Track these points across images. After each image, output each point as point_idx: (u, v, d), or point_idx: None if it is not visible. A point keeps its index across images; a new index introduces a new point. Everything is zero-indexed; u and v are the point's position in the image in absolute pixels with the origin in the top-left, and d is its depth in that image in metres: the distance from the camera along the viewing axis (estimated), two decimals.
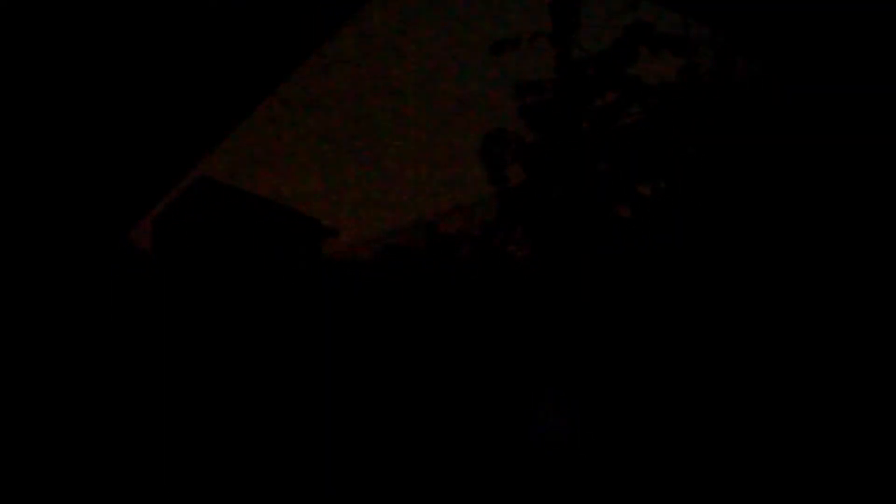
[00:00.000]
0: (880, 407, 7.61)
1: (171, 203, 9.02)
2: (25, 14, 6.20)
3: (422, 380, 8.71)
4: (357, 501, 8.30)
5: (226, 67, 7.32)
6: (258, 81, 7.50)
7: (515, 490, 8.18)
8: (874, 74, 7.91)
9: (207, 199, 9.10)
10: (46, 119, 7.00)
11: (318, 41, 7.26)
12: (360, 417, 8.63)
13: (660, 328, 8.33)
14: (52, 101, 6.87)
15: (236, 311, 8.75)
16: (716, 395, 8.04)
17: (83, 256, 7.50)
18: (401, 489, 8.38)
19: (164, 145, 7.62)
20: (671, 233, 8.48)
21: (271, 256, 9.10)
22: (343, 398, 8.68)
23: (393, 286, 8.94)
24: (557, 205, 8.87)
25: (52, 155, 7.16)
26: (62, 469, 7.59)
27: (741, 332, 8.12)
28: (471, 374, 8.67)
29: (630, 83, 8.90)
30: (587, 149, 8.90)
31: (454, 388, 8.65)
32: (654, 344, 8.31)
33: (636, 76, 8.90)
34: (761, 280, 8.12)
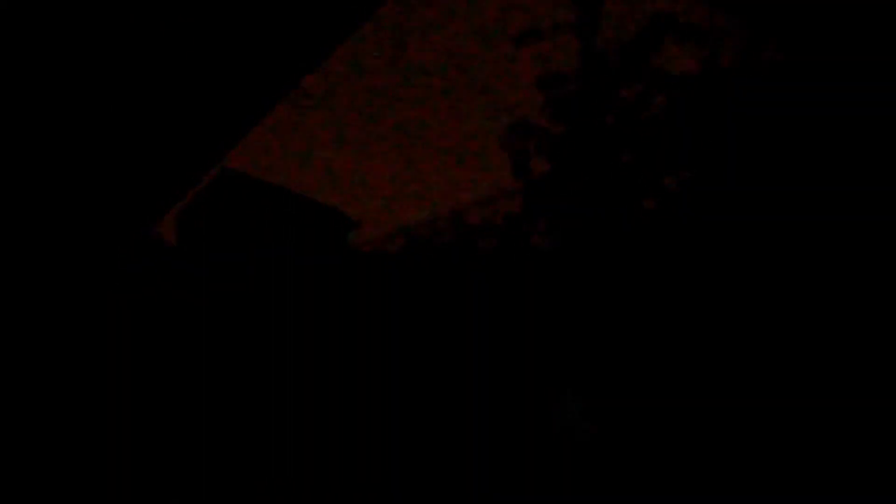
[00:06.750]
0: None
1: (196, 196, 9.08)
2: (51, 9, 6.27)
3: (449, 370, 8.74)
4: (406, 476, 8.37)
5: (251, 60, 7.36)
6: (284, 74, 7.54)
7: (542, 472, 8.21)
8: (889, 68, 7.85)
9: (232, 191, 9.14)
10: (71, 113, 7.07)
11: (344, 34, 7.28)
12: (384, 409, 8.67)
13: (683, 320, 8.32)
14: (77, 95, 6.94)
15: (262, 302, 8.80)
16: (730, 386, 8.04)
17: (108, 250, 7.57)
18: (437, 472, 8.42)
19: (189, 138, 7.67)
20: (695, 225, 8.46)
21: (296, 248, 9.14)
22: (363, 390, 8.72)
23: (420, 278, 8.96)
24: (582, 197, 8.86)
25: (77, 148, 7.23)
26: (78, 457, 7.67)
27: (767, 325, 8.10)
28: (497, 366, 8.69)
29: (654, 74, 8.86)
30: (611, 140, 8.88)
31: (480, 379, 8.68)
32: (675, 337, 8.31)
33: (660, 67, 8.87)
34: (789, 273, 8.09)
